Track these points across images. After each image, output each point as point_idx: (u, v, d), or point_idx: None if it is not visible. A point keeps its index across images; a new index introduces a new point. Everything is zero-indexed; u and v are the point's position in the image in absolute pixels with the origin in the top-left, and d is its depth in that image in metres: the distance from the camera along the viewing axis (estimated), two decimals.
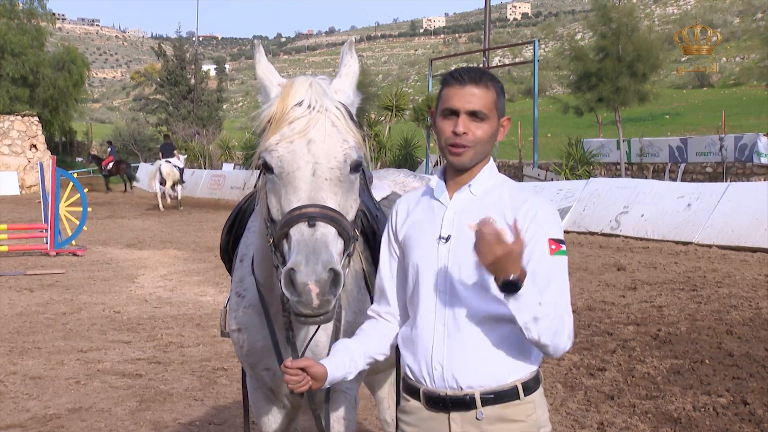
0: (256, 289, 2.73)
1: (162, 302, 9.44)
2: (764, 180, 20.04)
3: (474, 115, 2.27)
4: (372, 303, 2.60)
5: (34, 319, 8.44)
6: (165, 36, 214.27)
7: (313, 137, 2.29)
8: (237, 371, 6.15)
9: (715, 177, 22.23)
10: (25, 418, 5.26)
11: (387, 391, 4.06)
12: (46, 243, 13.70)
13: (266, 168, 2.32)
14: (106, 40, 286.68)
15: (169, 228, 18.84)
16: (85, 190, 14.99)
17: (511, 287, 2.09)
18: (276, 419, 3.01)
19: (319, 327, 2.45)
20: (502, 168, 30.31)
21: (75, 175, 19.89)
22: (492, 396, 2.24)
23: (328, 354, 2.52)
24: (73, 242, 14.25)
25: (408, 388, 2.38)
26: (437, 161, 28.40)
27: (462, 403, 2.25)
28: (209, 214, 22.70)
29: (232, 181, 30.04)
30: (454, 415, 2.26)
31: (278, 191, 2.29)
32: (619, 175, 23.75)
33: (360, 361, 2.39)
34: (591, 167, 24.54)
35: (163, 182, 24.82)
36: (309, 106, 2.33)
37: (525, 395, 2.26)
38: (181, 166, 26.37)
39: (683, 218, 14.00)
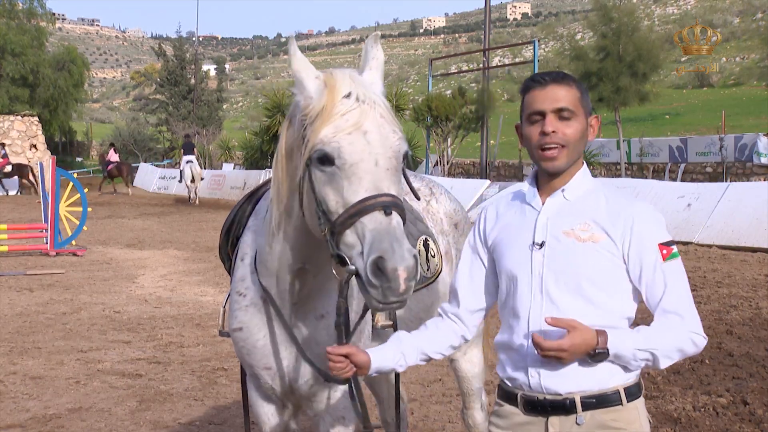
0: (257, 287, 2.73)
1: (162, 302, 9.44)
2: (764, 180, 20.04)
3: (561, 112, 2.23)
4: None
5: (34, 319, 8.44)
6: (165, 36, 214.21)
7: (369, 129, 2.31)
8: (237, 371, 6.13)
9: (715, 177, 22.22)
10: (25, 418, 5.26)
11: (388, 390, 4.06)
12: (46, 243, 13.70)
13: (322, 160, 2.31)
14: (106, 40, 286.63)
15: (169, 228, 18.84)
16: (85, 190, 14.98)
17: (600, 357, 2.12)
18: (276, 419, 3.01)
19: (367, 310, 2.55)
20: (502, 168, 30.32)
21: (75, 175, 19.87)
22: (593, 400, 2.18)
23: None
24: (73, 242, 14.24)
25: (504, 394, 2.34)
26: (437, 161, 28.43)
27: (561, 406, 2.20)
28: (209, 214, 22.69)
29: (232, 181, 30.02)
30: (552, 419, 2.22)
31: (338, 183, 2.28)
32: (619, 175, 23.75)
33: (411, 356, 2.36)
34: (591, 167, 24.49)
35: (192, 180, 27.37)
36: (357, 99, 2.34)
37: (628, 401, 2.21)
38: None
39: (683, 218, 13.99)
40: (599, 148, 26.49)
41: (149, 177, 36.99)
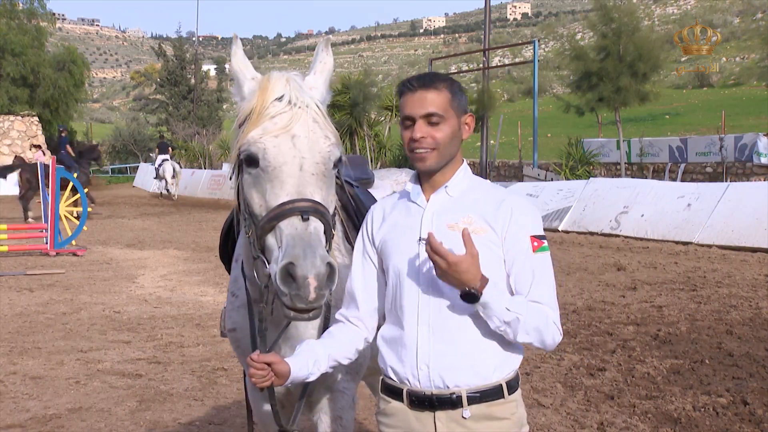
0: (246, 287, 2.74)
1: (162, 302, 9.44)
2: (764, 180, 20.03)
3: (429, 117, 2.29)
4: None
5: (34, 319, 8.44)
6: (165, 36, 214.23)
7: (297, 133, 2.31)
8: (237, 371, 6.15)
9: (715, 177, 22.21)
10: (25, 418, 5.26)
11: None
12: (46, 243, 13.70)
13: (248, 162, 2.32)
14: (106, 40, 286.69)
15: (169, 228, 18.84)
16: (86, 190, 14.98)
17: (470, 298, 2.16)
18: (275, 418, 3.00)
19: (288, 323, 2.48)
20: (502, 168, 30.31)
21: (75, 175, 19.87)
22: (478, 395, 2.26)
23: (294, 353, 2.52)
24: (73, 242, 14.25)
25: (389, 389, 2.37)
26: None
27: (448, 402, 2.26)
28: (209, 214, 22.70)
29: (232, 181, 30.00)
30: (439, 414, 2.27)
31: (262, 185, 2.29)
32: (619, 175, 23.73)
33: (324, 363, 2.39)
34: (591, 167, 24.52)
35: (174, 176, 29.05)
36: (290, 102, 2.35)
37: (509, 394, 2.29)
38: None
39: (683, 218, 13.99)
40: (599, 148, 26.47)
41: (149, 177, 36.97)
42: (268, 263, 2.23)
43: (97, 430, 5.08)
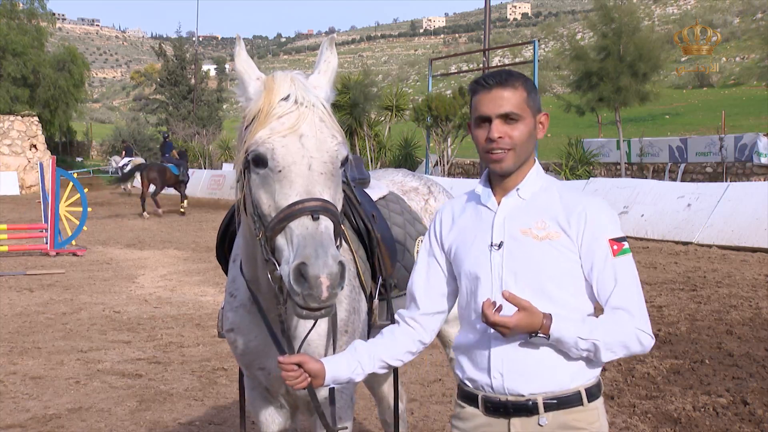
0: (245, 288, 2.73)
1: (162, 302, 9.44)
2: (764, 180, 20.03)
3: (506, 117, 2.22)
4: (365, 302, 2.59)
5: (34, 319, 8.44)
6: (165, 36, 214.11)
7: (305, 132, 2.30)
8: (237, 371, 6.14)
9: (715, 177, 22.21)
10: (25, 418, 5.26)
11: (387, 390, 4.06)
12: (46, 243, 13.70)
13: (256, 162, 2.31)
14: (106, 40, 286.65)
15: (169, 228, 18.84)
16: (85, 190, 14.98)
17: (539, 340, 2.13)
18: (274, 419, 3.01)
19: (316, 322, 2.45)
20: None
21: (75, 175, 19.87)
22: (555, 402, 2.18)
23: (324, 353, 2.51)
24: (73, 242, 14.25)
25: (464, 395, 2.32)
26: (437, 161, 28.41)
27: (524, 408, 2.19)
28: (209, 214, 22.70)
29: (232, 181, 29.94)
30: (514, 420, 2.21)
31: (270, 186, 2.28)
32: (619, 175, 23.73)
33: (368, 364, 2.34)
34: (591, 167, 24.53)
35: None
36: (296, 102, 2.33)
37: (589, 402, 2.22)
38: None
39: (683, 218, 13.99)
40: (599, 148, 26.47)
41: None
42: (279, 264, 2.21)
43: (97, 430, 5.08)
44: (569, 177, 22.40)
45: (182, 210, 23.04)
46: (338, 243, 2.26)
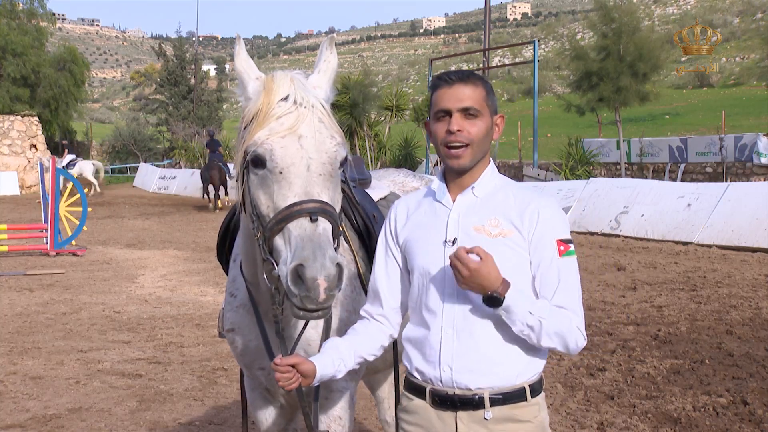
0: (245, 288, 2.73)
1: (162, 302, 9.44)
2: (764, 180, 20.03)
3: (466, 111, 2.28)
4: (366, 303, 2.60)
5: (34, 319, 8.44)
6: (165, 36, 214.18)
7: (304, 133, 2.30)
8: (237, 371, 6.14)
9: (715, 177, 22.21)
10: (25, 418, 5.26)
11: (387, 390, 4.06)
12: (46, 243, 13.70)
13: (255, 163, 2.31)
14: (106, 40, 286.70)
15: (169, 228, 18.84)
16: (85, 190, 14.99)
17: (493, 302, 2.16)
18: (273, 419, 3.01)
19: (307, 323, 2.47)
20: (502, 168, 30.29)
21: (75, 175, 19.89)
22: (501, 397, 2.25)
23: (319, 352, 2.51)
24: (73, 242, 14.25)
25: (412, 387, 2.38)
26: (437, 161, 28.41)
27: (470, 402, 2.26)
28: (209, 214, 22.71)
29: (231, 181, 29.99)
30: (461, 414, 2.27)
31: (269, 186, 2.28)
32: (619, 175, 23.74)
33: (349, 361, 2.40)
34: (591, 167, 24.52)
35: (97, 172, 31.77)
36: (295, 102, 2.33)
37: (532, 397, 2.29)
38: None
39: (683, 218, 13.99)
40: (599, 148, 26.47)
41: (149, 177, 37.07)
42: (276, 265, 2.22)
43: (97, 430, 5.08)
44: (569, 177, 22.39)
45: (221, 206, 23.31)
46: (336, 244, 2.26)
